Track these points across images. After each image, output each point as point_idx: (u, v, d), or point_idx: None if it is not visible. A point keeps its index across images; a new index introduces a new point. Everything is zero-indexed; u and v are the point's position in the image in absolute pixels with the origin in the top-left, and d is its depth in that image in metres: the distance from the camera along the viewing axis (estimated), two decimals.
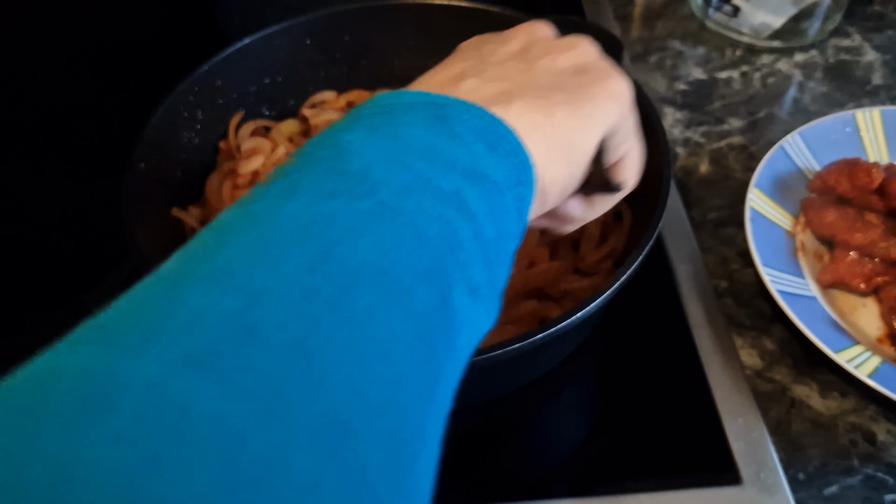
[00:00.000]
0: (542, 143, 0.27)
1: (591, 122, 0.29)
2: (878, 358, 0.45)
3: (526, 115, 0.27)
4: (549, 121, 0.28)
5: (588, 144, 0.29)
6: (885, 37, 0.72)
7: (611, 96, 0.30)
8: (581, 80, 0.30)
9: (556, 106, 0.28)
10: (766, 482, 0.42)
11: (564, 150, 0.28)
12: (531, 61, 0.30)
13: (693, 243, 0.54)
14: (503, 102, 0.27)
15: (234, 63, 0.53)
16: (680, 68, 0.70)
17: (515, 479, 0.43)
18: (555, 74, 0.30)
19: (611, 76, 0.31)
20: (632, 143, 0.33)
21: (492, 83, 0.29)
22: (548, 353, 0.45)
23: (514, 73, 0.29)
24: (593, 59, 0.32)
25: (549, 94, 0.29)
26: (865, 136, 0.57)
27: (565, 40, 0.32)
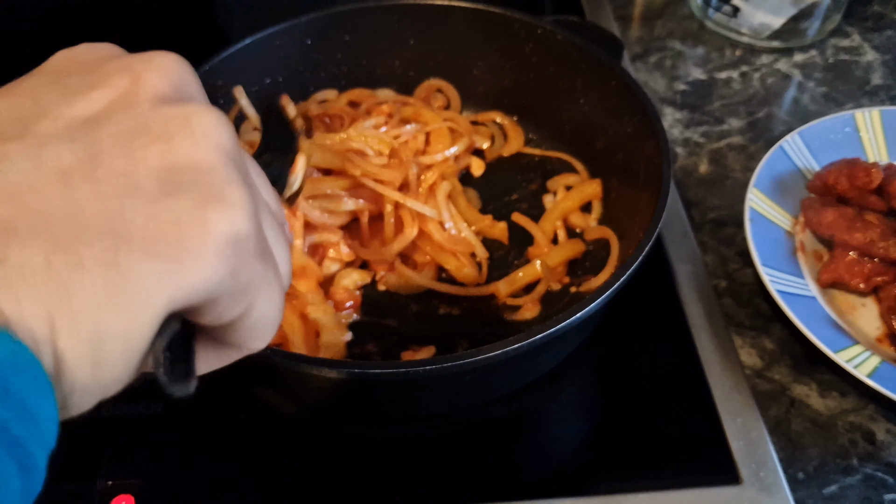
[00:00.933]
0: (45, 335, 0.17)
1: (146, 300, 0.18)
2: (877, 357, 0.45)
3: (24, 283, 0.16)
4: (63, 300, 0.17)
5: (135, 333, 0.18)
6: (884, 37, 0.72)
7: (203, 248, 0.18)
8: (155, 212, 0.18)
9: (84, 270, 0.17)
10: (765, 481, 0.42)
11: (88, 347, 0.17)
12: (95, 154, 0.18)
13: (693, 243, 0.54)
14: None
15: (234, 63, 0.53)
16: (679, 68, 0.70)
17: (515, 479, 0.43)
18: (116, 193, 0.18)
19: (213, 204, 0.19)
20: (253, 305, 0.21)
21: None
22: (548, 353, 0.45)
23: (43, 182, 0.18)
24: (200, 161, 0.19)
25: (82, 241, 0.17)
26: (865, 136, 0.57)
27: (173, 117, 0.20)
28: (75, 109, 0.19)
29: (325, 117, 0.56)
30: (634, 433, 0.45)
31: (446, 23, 0.57)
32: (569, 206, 0.54)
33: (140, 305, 0.18)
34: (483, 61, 0.59)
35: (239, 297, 0.20)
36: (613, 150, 0.53)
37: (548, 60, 0.55)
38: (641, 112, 0.48)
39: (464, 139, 0.56)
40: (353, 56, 0.58)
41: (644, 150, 0.48)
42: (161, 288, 0.18)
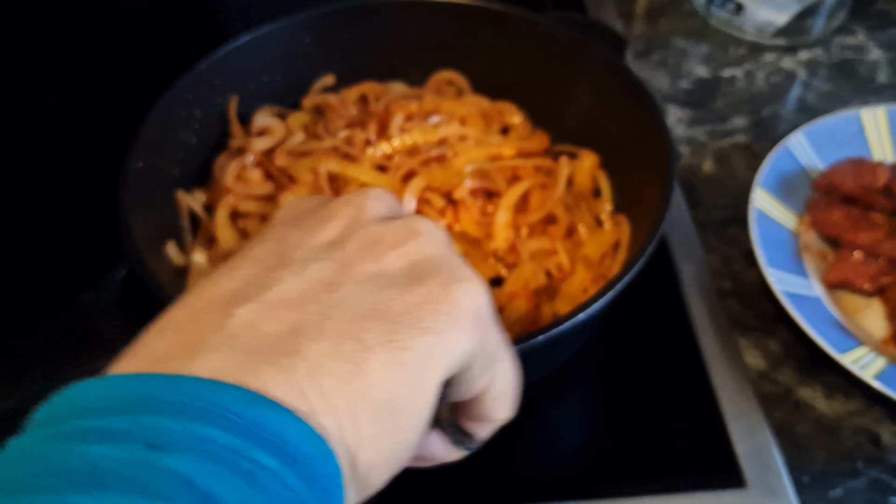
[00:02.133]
0: (347, 413, 0.19)
1: (425, 365, 0.21)
2: (883, 359, 0.44)
3: (322, 373, 0.19)
4: (357, 376, 0.19)
5: (421, 396, 0.21)
6: (889, 35, 0.71)
7: (458, 319, 0.21)
8: (413, 298, 0.21)
9: (370, 351, 0.20)
10: (770, 485, 0.41)
11: (384, 415, 0.20)
12: (346, 264, 0.22)
13: (697, 243, 0.54)
14: (287, 357, 0.19)
15: (232, 61, 0.53)
16: (683, 66, 0.69)
17: (517, 482, 0.43)
18: (374, 289, 0.21)
19: (462, 284, 0.22)
20: (499, 367, 0.24)
21: (276, 314, 0.20)
22: (550, 355, 0.45)
23: (313, 291, 0.21)
24: (436, 254, 0.23)
25: (360, 329, 0.20)
26: (870, 134, 0.56)
27: (401, 227, 0.23)
28: (318, 239, 0.23)
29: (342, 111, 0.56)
30: (637, 435, 0.45)
31: (446, 20, 0.56)
32: (584, 188, 0.53)
33: (424, 374, 0.21)
34: (484, 59, 0.58)
35: (488, 364, 0.23)
36: (616, 149, 0.53)
37: (549, 58, 0.55)
38: (645, 110, 0.48)
39: (494, 121, 0.56)
40: (352, 54, 0.58)
41: (647, 148, 0.47)
42: (436, 358, 0.21)
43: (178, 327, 0.20)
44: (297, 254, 0.22)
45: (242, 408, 0.17)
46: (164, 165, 0.49)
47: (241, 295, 0.21)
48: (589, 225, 0.51)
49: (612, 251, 0.49)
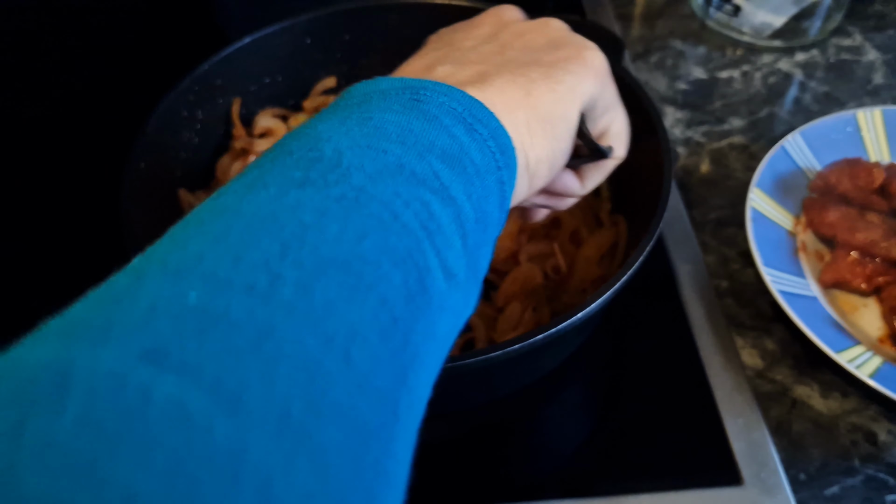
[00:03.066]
0: (522, 121, 0.27)
1: (571, 94, 0.29)
2: (879, 358, 0.45)
3: (504, 93, 0.27)
4: (528, 97, 0.28)
5: (570, 116, 0.30)
6: (886, 36, 0.72)
7: (588, 67, 0.30)
8: (556, 56, 0.30)
9: (534, 82, 0.28)
10: (766, 483, 0.42)
11: (547, 125, 0.28)
12: (504, 42, 0.31)
13: (694, 243, 0.54)
14: (480, 83, 0.27)
15: (234, 62, 0.53)
16: (681, 68, 0.70)
17: (516, 480, 0.43)
18: (529, 52, 0.30)
19: (585, 49, 0.31)
20: (614, 113, 0.34)
21: (467, 66, 0.29)
22: (549, 354, 0.45)
23: (488, 55, 0.30)
24: (565, 34, 0.32)
25: (525, 70, 0.29)
26: (867, 135, 0.57)
27: (535, 21, 0.33)
28: (477, 33, 0.32)
29: None
30: (635, 434, 0.45)
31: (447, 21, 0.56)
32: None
33: (571, 99, 0.29)
34: None
35: (607, 107, 0.33)
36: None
37: None
38: (642, 111, 0.48)
39: None
40: (353, 55, 0.58)
41: (645, 149, 0.48)
42: (577, 90, 0.30)
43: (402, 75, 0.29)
44: (466, 43, 0.31)
45: (463, 98, 0.26)
46: (167, 166, 0.49)
47: (437, 62, 0.29)
48: (589, 225, 0.51)
49: (610, 252, 0.49)
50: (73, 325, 0.17)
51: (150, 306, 0.17)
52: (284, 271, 0.18)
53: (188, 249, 0.19)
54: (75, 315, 0.17)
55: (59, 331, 0.17)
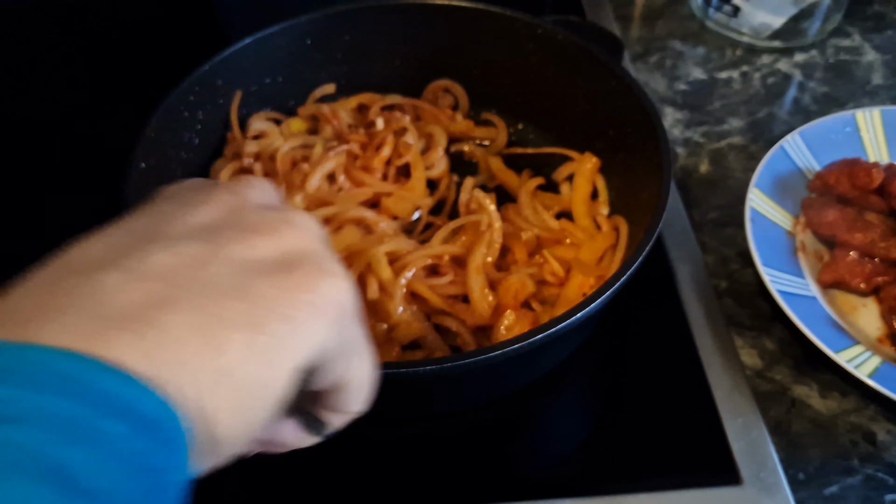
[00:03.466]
0: (205, 385, 0.19)
1: (280, 352, 0.21)
2: (878, 358, 0.45)
3: (181, 343, 0.19)
4: (216, 357, 0.20)
5: (274, 379, 0.21)
6: (884, 37, 0.72)
7: (319, 308, 0.22)
8: (279, 284, 0.22)
9: (229, 331, 0.20)
10: (766, 482, 0.42)
11: (242, 393, 0.20)
12: (219, 246, 0.22)
13: (693, 243, 0.54)
14: (143, 324, 0.19)
15: (234, 63, 0.53)
16: (680, 68, 0.70)
17: (516, 479, 0.43)
18: (243, 272, 0.22)
19: (327, 279, 0.23)
20: (357, 361, 0.25)
21: (140, 285, 0.20)
22: (549, 354, 0.45)
23: (183, 266, 0.21)
24: (308, 247, 0.23)
25: (222, 307, 0.20)
26: (865, 135, 0.57)
27: (278, 218, 0.24)
28: (195, 218, 0.23)
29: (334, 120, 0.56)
30: (635, 433, 0.45)
31: (446, 23, 0.57)
32: (586, 191, 0.53)
33: (281, 360, 0.21)
34: (483, 61, 0.58)
35: (346, 357, 0.24)
36: (614, 151, 0.53)
37: (548, 60, 0.55)
38: (642, 112, 0.48)
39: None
40: (353, 56, 0.58)
41: (644, 150, 0.48)
42: (295, 345, 0.21)
43: (41, 289, 0.20)
44: (171, 230, 0.22)
45: (91, 376, 0.18)
46: (167, 166, 0.49)
47: (109, 262, 0.21)
48: (587, 229, 0.51)
49: (610, 252, 0.49)
50: None
51: None
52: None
53: None
54: None
55: None
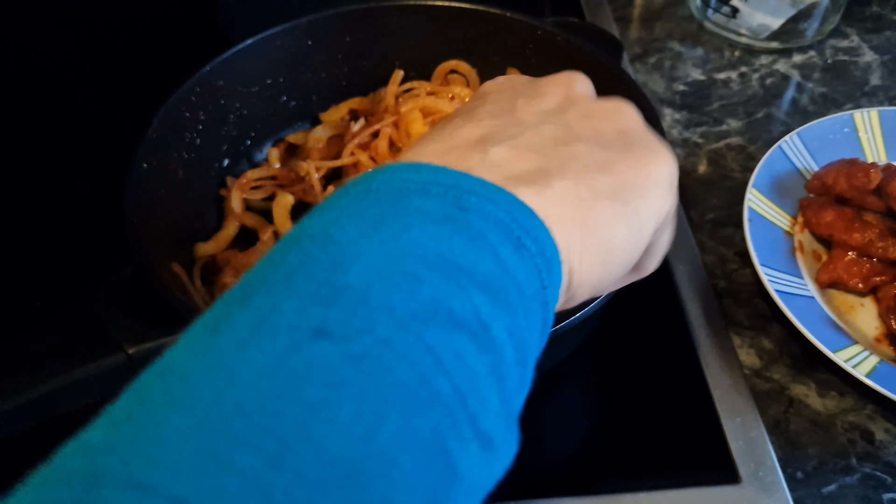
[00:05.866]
0: (576, 239, 0.23)
1: (639, 224, 0.25)
2: (875, 357, 0.45)
3: (562, 204, 0.23)
4: (589, 214, 0.23)
5: (633, 248, 0.25)
6: (882, 38, 0.72)
7: (662, 185, 0.26)
8: (627, 163, 0.25)
9: (599, 198, 0.24)
10: (764, 481, 0.42)
11: (603, 252, 0.24)
12: (571, 127, 0.26)
13: (692, 243, 0.54)
14: (538, 184, 0.23)
15: (235, 63, 0.53)
16: (678, 69, 0.70)
17: (514, 479, 0.43)
18: (599, 149, 0.25)
19: (660, 155, 0.26)
20: (665, 229, 0.28)
21: (525, 156, 0.24)
22: (547, 353, 0.45)
23: (550, 143, 0.25)
24: (637, 128, 0.28)
25: (591, 178, 0.24)
26: (863, 136, 0.57)
27: (608, 104, 0.28)
28: (541, 105, 0.27)
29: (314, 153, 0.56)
30: (633, 433, 0.45)
31: (447, 23, 0.57)
32: None
33: (639, 229, 0.25)
34: (483, 62, 0.59)
35: (665, 225, 0.28)
36: None
37: (547, 61, 0.56)
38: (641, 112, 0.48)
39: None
40: (354, 57, 0.58)
41: None
42: (650, 218, 0.25)
43: (443, 155, 0.24)
44: (527, 116, 0.26)
45: (513, 206, 0.22)
46: (169, 166, 0.49)
47: (491, 138, 0.25)
48: None
49: None
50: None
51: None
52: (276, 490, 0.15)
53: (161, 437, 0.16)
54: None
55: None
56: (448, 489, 0.18)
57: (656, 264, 0.30)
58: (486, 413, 0.20)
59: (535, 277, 0.22)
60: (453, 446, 0.18)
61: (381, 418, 0.17)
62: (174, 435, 0.16)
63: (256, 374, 0.17)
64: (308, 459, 0.16)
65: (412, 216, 0.21)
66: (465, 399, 0.19)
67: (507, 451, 0.22)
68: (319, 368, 0.17)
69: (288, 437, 0.16)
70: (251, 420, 0.16)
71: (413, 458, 0.17)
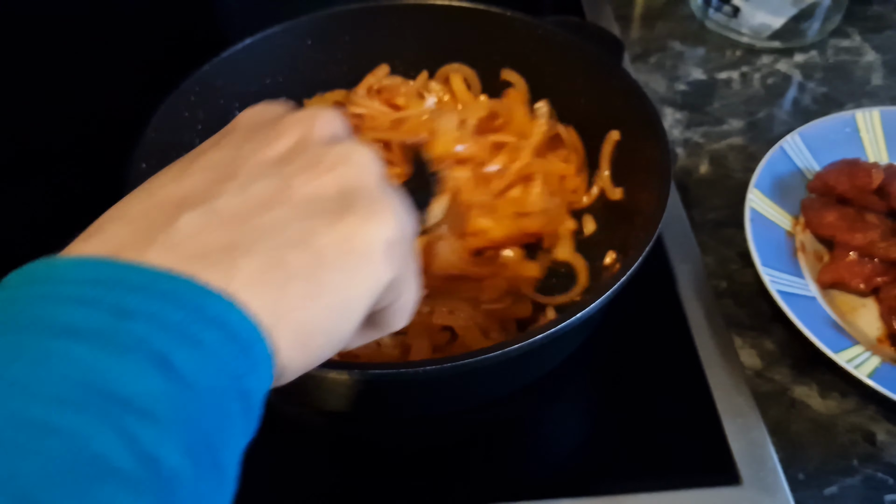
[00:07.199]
0: (272, 321, 0.21)
1: (341, 304, 0.23)
2: (877, 358, 0.45)
3: (254, 282, 0.21)
4: (281, 295, 0.22)
5: (336, 331, 0.23)
6: (884, 37, 0.72)
7: (375, 254, 0.24)
8: (336, 231, 0.23)
9: (291, 279, 0.22)
10: (765, 482, 0.42)
11: (300, 335, 0.22)
12: (286, 183, 0.24)
13: (693, 243, 0.54)
14: (224, 264, 0.21)
15: (235, 63, 0.53)
16: (680, 69, 0.70)
17: (515, 480, 0.43)
18: (304, 215, 0.23)
19: (378, 218, 0.24)
20: (404, 288, 0.27)
21: (214, 228, 0.22)
22: (548, 354, 0.45)
23: (251, 210, 0.23)
24: (364, 182, 0.25)
25: (285, 253, 0.22)
26: (865, 136, 0.57)
27: (340, 152, 0.25)
28: (267, 154, 0.25)
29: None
30: (634, 433, 0.45)
31: (447, 23, 0.57)
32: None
33: (343, 310, 0.23)
34: (483, 62, 0.59)
35: (396, 288, 0.26)
36: (613, 151, 0.53)
37: (548, 61, 0.56)
38: (642, 112, 0.48)
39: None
40: (354, 56, 0.58)
41: (644, 150, 0.48)
42: (357, 296, 0.24)
43: (131, 221, 0.22)
44: (245, 168, 0.24)
45: (193, 294, 0.20)
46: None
47: (188, 202, 0.23)
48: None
49: None
50: None
51: None
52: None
53: None
54: None
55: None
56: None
57: (405, 321, 0.28)
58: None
59: (223, 371, 0.20)
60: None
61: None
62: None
63: None
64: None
65: (53, 339, 0.18)
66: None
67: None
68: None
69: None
70: None
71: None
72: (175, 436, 0.18)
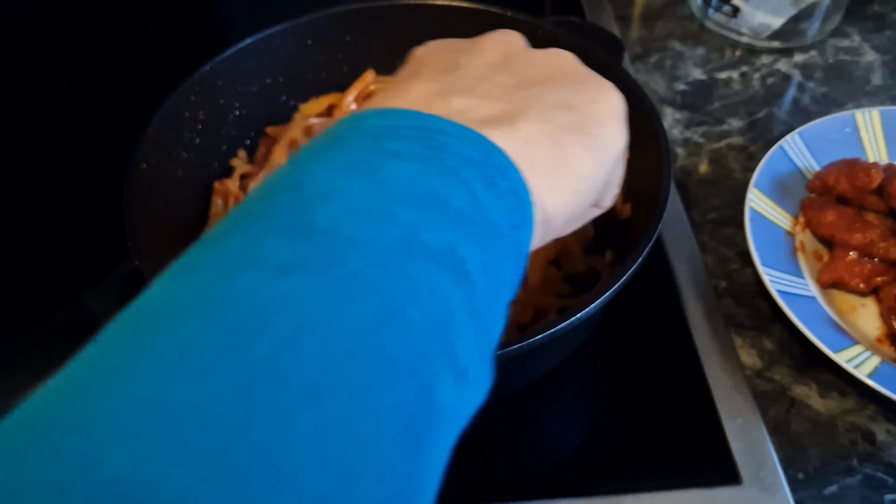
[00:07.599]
0: (546, 175, 0.24)
1: (603, 152, 0.26)
2: (877, 358, 0.45)
3: (532, 143, 0.24)
4: (556, 149, 0.25)
5: (599, 175, 0.26)
6: (884, 37, 0.72)
7: (617, 117, 0.27)
8: (583, 97, 0.27)
9: (563, 132, 0.25)
10: (765, 482, 0.42)
11: (573, 181, 0.25)
12: (520, 75, 0.27)
13: (692, 243, 0.54)
14: (505, 126, 0.24)
15: (235, 63, 0.53)
16: (679, 69, 0.70)
17: (515, 479, 0.44)
18: (553, 88, 0.26)
19: (610, 91, 0.28)
20: (619, 167, 0.30)
21: (487, 102, 0.25)
22: (548, 354, 0.45)
23: (508, 90, 0.26)
24: (582, 68, 0.29)
25: (554, 116, 0.25)
26: (865, 136, 0.57)
27: (547, 52, 0.29)
28: (485, 60, 0.28)
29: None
30: (634, 433, 0.45)
31: (447, 23, 0.57)
32: None
33: (604, 157, 0.26)
34: None
35: (620, 158, 0.29)
36: None
37: None
38: (642, 112, 0.48)
39: None
40: (354, 56, 0.58)
41: (644, 150, 0.48)
42: (612, 146, 0.27)
43: (411, 103, 0.25)
44: (476, 70, 0.27)
45: (484, 145, 0.23)
46: (168, 166, 0.49)
47: (449, 91, 0.25)
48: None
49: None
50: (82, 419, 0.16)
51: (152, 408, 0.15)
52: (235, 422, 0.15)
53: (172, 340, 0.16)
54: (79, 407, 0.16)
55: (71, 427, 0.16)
56: (423, 418, 0.18)
57: (612, 200, 0.31)
58: (462, 344, 0.20)
59: (507, 216, 0.22)
60: (428, 374, 0.18)
61: (351, 346, 0.17)
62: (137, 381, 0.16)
63: (221, 312, 0.17)
64: (274, 390, 0.15)
65: (383, 158, 0.21)
66: (440, 329, 0.19)
67: (482, 385, 0.22)
68: (286, 302, 0.17)
69: (253, 370, 0.16)
70: (213, 358, 0.16)
71: (386, 385, 0.17)
72: (477, 251, 0.21)
